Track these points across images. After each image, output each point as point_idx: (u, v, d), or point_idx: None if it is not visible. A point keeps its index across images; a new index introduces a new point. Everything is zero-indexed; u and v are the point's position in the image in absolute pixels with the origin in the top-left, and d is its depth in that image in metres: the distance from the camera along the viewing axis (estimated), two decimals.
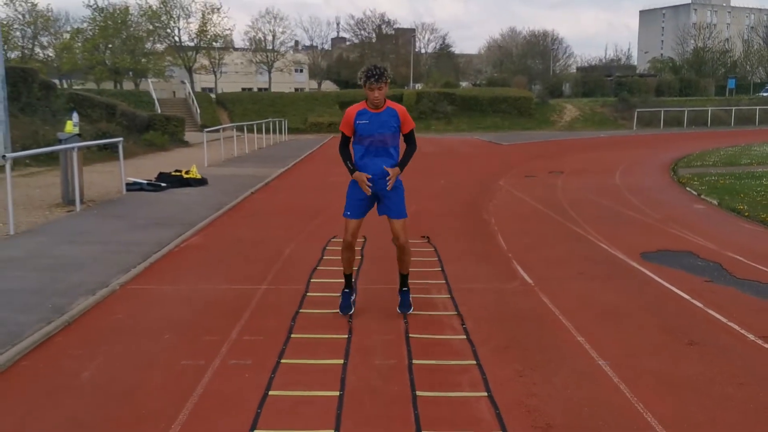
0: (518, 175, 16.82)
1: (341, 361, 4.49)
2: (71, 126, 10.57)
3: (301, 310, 5.61)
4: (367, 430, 3.58)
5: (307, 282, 6.49)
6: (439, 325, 5.29)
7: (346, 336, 4.97)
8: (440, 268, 7.08)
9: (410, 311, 5.41)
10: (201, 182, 13.47)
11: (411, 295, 5.54)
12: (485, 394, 4.03)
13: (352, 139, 5.25)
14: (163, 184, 12.69)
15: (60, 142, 10.29)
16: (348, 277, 5.52)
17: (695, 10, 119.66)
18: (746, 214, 10.53)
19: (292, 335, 5.01)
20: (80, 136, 10.81)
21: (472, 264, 7.37)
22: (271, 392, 4.02)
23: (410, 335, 5.00)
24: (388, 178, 5.14)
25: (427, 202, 11.98)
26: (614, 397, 3.99)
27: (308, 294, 6.09)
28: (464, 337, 5.02)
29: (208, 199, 11.61)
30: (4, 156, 8.45)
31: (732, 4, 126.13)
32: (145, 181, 12.81)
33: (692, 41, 76.94)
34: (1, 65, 15.61)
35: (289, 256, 7.66)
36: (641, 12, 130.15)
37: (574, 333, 5.12)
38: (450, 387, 4.12)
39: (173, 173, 13.73)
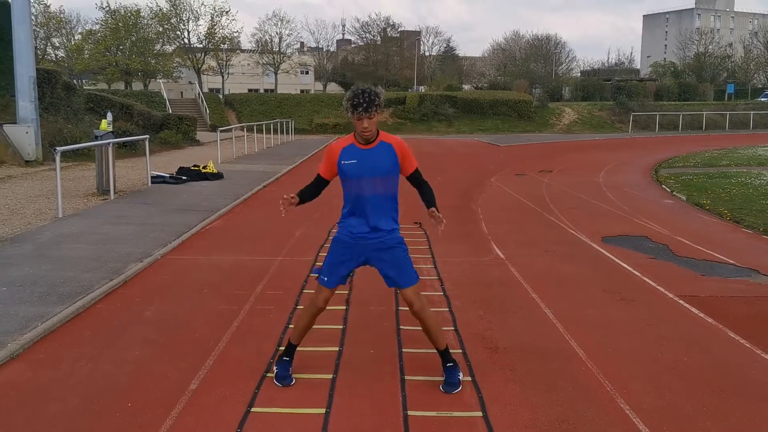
0: (510, 174, 18.10)
1: (344, 308, 5.77)
2: (106, 124, 11.87)
3: (311, 275, 6.89)
4: (362, 346, 4.85)
5: (315, 255, 7.78)
6: (422, 285, 6.52)
7: (347, 291, 6.24)
8: (428, 246, 8.37)
9: (458, 390, 4.13)
10: (217, 176, 14.78)
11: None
12: (452, 328, 5.31)
13: (340, 182, 4.12)
14: (183, 177, 14.00)
15: (96, 138, 11.59)
16: (292, 346, 4.35)
17: (699, 15, 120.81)
18: (707, 207, 11.78)
19: (305, 291, 6.30)
20: (114, 134, 12.11)
21: (456, 243, 8.65)
22: (290, 325, 5.30)
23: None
24: (438, 218, 4.01)
25: None
26: (551, 332, 5.27)
27: (317, 264, 7.37)
28: (442, 293, 6.31)
29: (226, 191, 12.92)
30: (54, 149, 9.74)
31: (735, 9, 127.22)
32: (168, 175, 14.13)
33: (694, 46, 78.01)
34: (32, 68, 16.91)
35: (300, 237, 8.95)
36: (645, 16, 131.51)
37: (530, 292, 6.39)
38: None
39: (192, 168, 15.03)
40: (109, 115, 12.16)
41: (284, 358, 4.32)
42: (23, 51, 16.66)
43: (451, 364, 4.25)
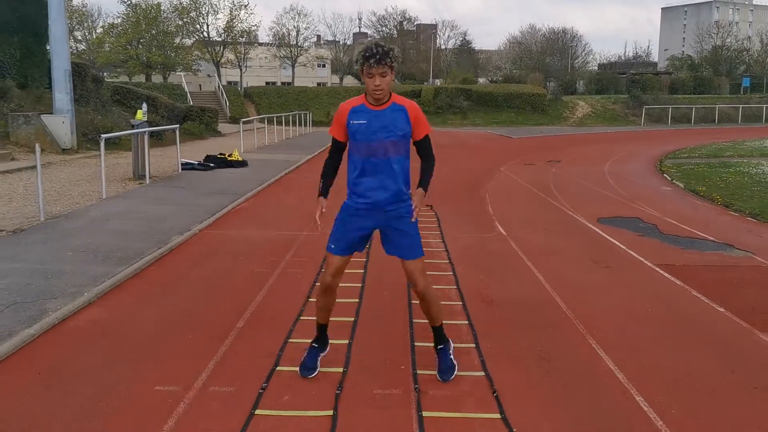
0: (519, 163, 18.92)
1: (361, 271, 6.66)
2: (141, 114, 12.84)
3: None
4: (379, 308, 5.75)
5: None
6: (431, 254, 7.43)
7: (365, 260, 7.14)
8: (437, 225, 9.25)
9: (453, 376, 4.07)
10: (242, 164, 15.74)
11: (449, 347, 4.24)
12: (455, 287, 6.20)
13: (347, 148, 3.98)
14: (211, 165, 14.98)
15: (133, 127, 12.57)
16: (322, 329, 4.23)
17: (717, 8, 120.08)
18: (702, 194, 12.56)
19: None
20: (148, 123, 13.08)
21: (464, 223, 9.53)
22: (317, 283, 6.22)
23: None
24: (414, 208, 3.89)
25: (434, 182, 14.07)
26: (540, 290, 6.14)
27: None
28: (447, 261, 7.19)
29: (251, 177, 13.87)
30: (100, 136, 10.72)
31: (755, 2, 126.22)
32: (196, 162, 15.11)
33: (711, 39, 77.96)
34: (68, 62, 17.92)
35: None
36: (663, 9, 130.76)
37: (526, 261, 7.26)
38: (434, 283, 6.25)
39: (218, 156, 16.00)
40: (144, 106, 13.13)
41: (313, 344, 4.23)
42: (59, 46, 17.67)
43: (442, 345, 4.15)
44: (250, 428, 3.50)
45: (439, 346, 4.17)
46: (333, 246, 4.03)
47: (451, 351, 4.21)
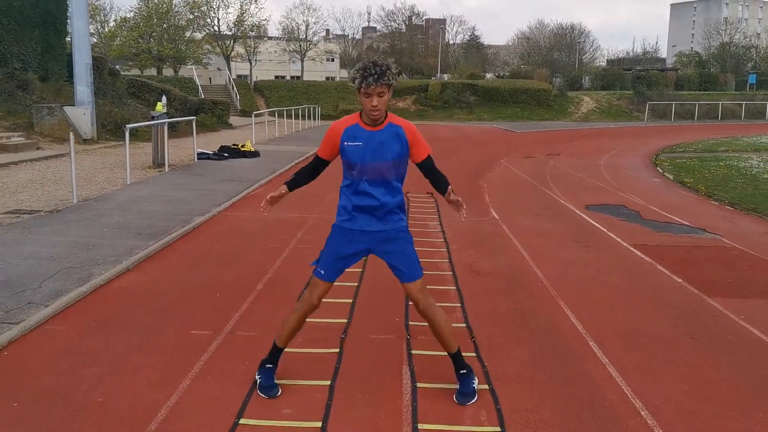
0: (520, 156, 19.68)
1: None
2: (161, 106, 13.68)
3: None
4: (378, 276, 6.55)
5: None
6: (429, 234, 8.27)
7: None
8: (436, 210, 10.04)
9: (473, 400, 3.80)
10: (254, 154, 16.57)
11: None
12: (447, 260, 7.00)
13: (342, 165, 3.78)
14: (225, 155, 15.82)
15: (153, 118, 13.41)
16: (277, 350, 3.99)
17: (726, 4, 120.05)
18: (688, 185, 13.31)
19: None
20: (167, 115, 13.91)
21: None
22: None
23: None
24: (457, 201, 3.89)
25: None
26: (522, 264, 6.94)
27: None
28: (443, 240, 7.99)
29: (263, 166, 14.70)
30: (124, 126, 11.56)
31: None
32: (211, 152, 15.95)
33: (719, 36, 78.24)
34: (89, 55, 18.77)
35: (330, 200, 10.65)
36: (672, 5, 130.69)
37: (514, 241, 8.06)
38: (428, 257, 7.09)
39: (232, 146, 16.84)
40: (164, 99, 13.99)
41: (267, 365, 3.96)
42: (81, 40, 18.53)
43: (464, 371, 3.89)
44: None
45: (461, 371, 3.90)
46: (323, 272, 3.88)
47: (474, 381, 3.90)
